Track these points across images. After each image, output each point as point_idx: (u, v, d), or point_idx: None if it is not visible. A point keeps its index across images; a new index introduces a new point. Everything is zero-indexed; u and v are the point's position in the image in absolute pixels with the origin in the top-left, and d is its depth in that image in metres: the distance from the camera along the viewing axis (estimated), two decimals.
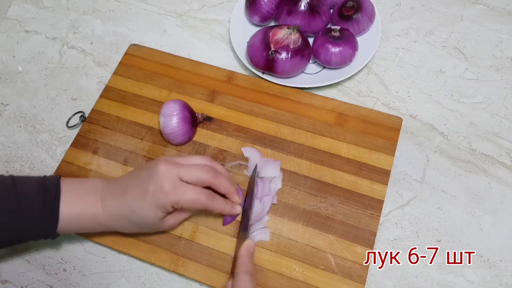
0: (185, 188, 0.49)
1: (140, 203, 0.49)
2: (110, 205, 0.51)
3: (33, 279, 0.57)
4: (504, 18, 0.70)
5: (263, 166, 0.59)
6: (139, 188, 0.50)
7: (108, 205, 0.51)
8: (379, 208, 0.56)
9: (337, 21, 0.67)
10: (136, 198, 0.49)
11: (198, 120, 0.63)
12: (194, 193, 0.50)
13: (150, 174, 0.50)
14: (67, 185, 0.51)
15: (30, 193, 0.49)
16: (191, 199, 0.49)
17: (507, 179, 0.59)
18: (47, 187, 0.50)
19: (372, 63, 0.68)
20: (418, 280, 0.54)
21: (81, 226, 0.52)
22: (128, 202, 0.50)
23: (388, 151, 0.60)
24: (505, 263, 0.54)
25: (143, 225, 0.52)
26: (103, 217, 0.51)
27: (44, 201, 0.49)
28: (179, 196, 0.49)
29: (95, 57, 0.73)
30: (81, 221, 0.51)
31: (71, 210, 0.50)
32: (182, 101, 0.61)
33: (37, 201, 0.49)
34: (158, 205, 0.49)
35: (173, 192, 0.48)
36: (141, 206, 0.49)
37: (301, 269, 0.54)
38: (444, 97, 0.65)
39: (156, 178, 0.49)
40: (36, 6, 0.79)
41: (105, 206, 0.51)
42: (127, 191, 0.51)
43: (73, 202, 0.50)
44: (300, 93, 0.65)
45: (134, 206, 0.49)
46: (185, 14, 0.76)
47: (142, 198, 0.49)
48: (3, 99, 0.71)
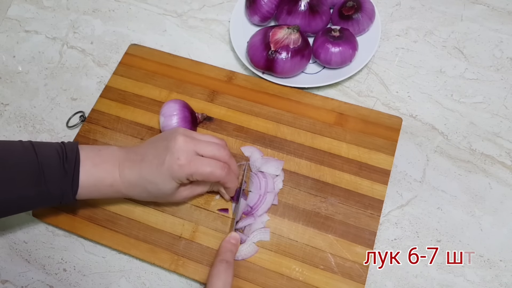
0: (200, 161, 0.50)
1: (156, 173, 0.50)
2: (128, 174, 0.52)
3: (33, 279, 0.57)
4: (504, 18, 0.70)
5: (264, 163, 0.59)
6: (156, 158, 0.51)
7: (126, 173, 0.52)
8: (379, 208, 0.56)
9: (337, 21, 0.67)
10: (152, 168, 0.50)
11: (198, 120, 0.63)
12: (209, 166, 0.50)
13: (167, 145, 0.51)
14: (86, 152, 0.52)
15: (50, 161, 0.50)
16: (206, 171, 0.50)
17: (507, 179, 0.59)
18: (67, 155, 0.51)
19: (372, 63, 0.68)
20: (418, 280, 0.54)
21: (100, 192, 0.53)
22: (145, 172, 0.51)
23: (388, 151, 0.60)
24: (505, 263, 0.54)
25: (158, 195, 0.53)
26: (121, 184, 0.52)
27: (64, 168, 0.50)
28: (194, 169, 0.50)
29: (95, 57, 0.73)
30: (100, 188, 0.52)
31: (90, 177, 0.51)
32: (182, 101, 0.61)
33: (57, 169, 0.50)
34: (173, 176, 0.50)
35: (188, 165, 0.49)
36: (157, 176, 0.50)
37: (301, 269, 0.54)
38: (444, 97, 0.65)
39: (173, 150, 0.50)
40: (36, 6, 0.79)
41: (123, 174, 0.52)
42: (144, 160, 0.52)
43: (92, 170, 0.51)
44: (300, 93, 0.65)
45: (150, 176, 0.51)
46: (185, 14, 0.76)
47: (158, 169, 0.50)
48: (3, 99, 0.71)
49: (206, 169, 0.50)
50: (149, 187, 0.51)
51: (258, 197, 0.57)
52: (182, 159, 0.49)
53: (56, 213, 0.59)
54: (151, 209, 0.58)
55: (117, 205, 0.59)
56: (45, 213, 0.59)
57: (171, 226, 0.57)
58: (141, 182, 0.51)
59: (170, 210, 0.58)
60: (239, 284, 0.53)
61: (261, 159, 0.60)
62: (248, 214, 0.56)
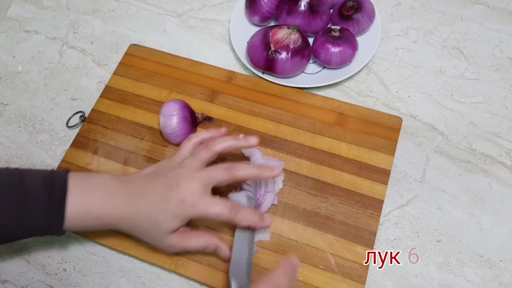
0: (208, 201, 0.48)
1: (158, 210, 0.48)
2: (122, 206, 0.50)
3: (33, 279, 0.57)
4: (504, 18, 0.70)
5: (265, 163, 0.59)
6: (157, 195, 0.49)
7: (120, 206, 0.50)
8: (379, 208, 0.56)
9: (337, 21, 0.67)
10: (153, 205, 0.49)
11: (198, 120, 0.63)
12: (218, 206, 0.48)
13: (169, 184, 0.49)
14: (75, 180, 0.50)
15: (36, 191, 0.48)
16: (213, 212, 0.48)
17: (507, 179, 0.59)
18: (54, 184, 0.49)
19: (372, 63, 0.68)
20: (418, 280, 0.54)
21: (88, 224, 0.50)
22: (144, 208, 0.49)
23: (388, 151, 0.60)
24: (505, 263, 0.54)
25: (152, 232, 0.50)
26: (112, 216, 0.50)
27: (50, 200, 0.48)
28: (201, 209, 0.48)
29: (95, 57, 0.73)
30: (88, 218, 0.49)
31: (78, 207, 0.49)
32: (182, 101, 0.61)
33: (43, 200, 0.48)
34: (177, 216, 0.48)
35: (195, 206, 0.48)
36: (158, 213, 0.48)
37: (301, 269, 0.54)
38: (444, 97, 0.65)
39: (177, 191, 0.48)
40: (36, 6, 0.79)
41: (116, 206, 0.50)
42: (143, 195, 0.50)
43: (81, 199, 0.49)
44: (300, 93, 0.65)
45: (151, 213, 0.49)
46: (185, 14, 0.76)
47: (161, 206, 0.48)
48: (3, 99, 0.71)
49: (213, 210, 0.48)
50: (145, 224, 0.49)
51: (258, 197, 0.56)
52: (188, 200, 0.48)
53: None
54: None
55: None
56: None
57: None
58: (137, 217, 0.49)
59: None
60: None
61: (262, 159, 0.60)
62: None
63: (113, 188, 0.51)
